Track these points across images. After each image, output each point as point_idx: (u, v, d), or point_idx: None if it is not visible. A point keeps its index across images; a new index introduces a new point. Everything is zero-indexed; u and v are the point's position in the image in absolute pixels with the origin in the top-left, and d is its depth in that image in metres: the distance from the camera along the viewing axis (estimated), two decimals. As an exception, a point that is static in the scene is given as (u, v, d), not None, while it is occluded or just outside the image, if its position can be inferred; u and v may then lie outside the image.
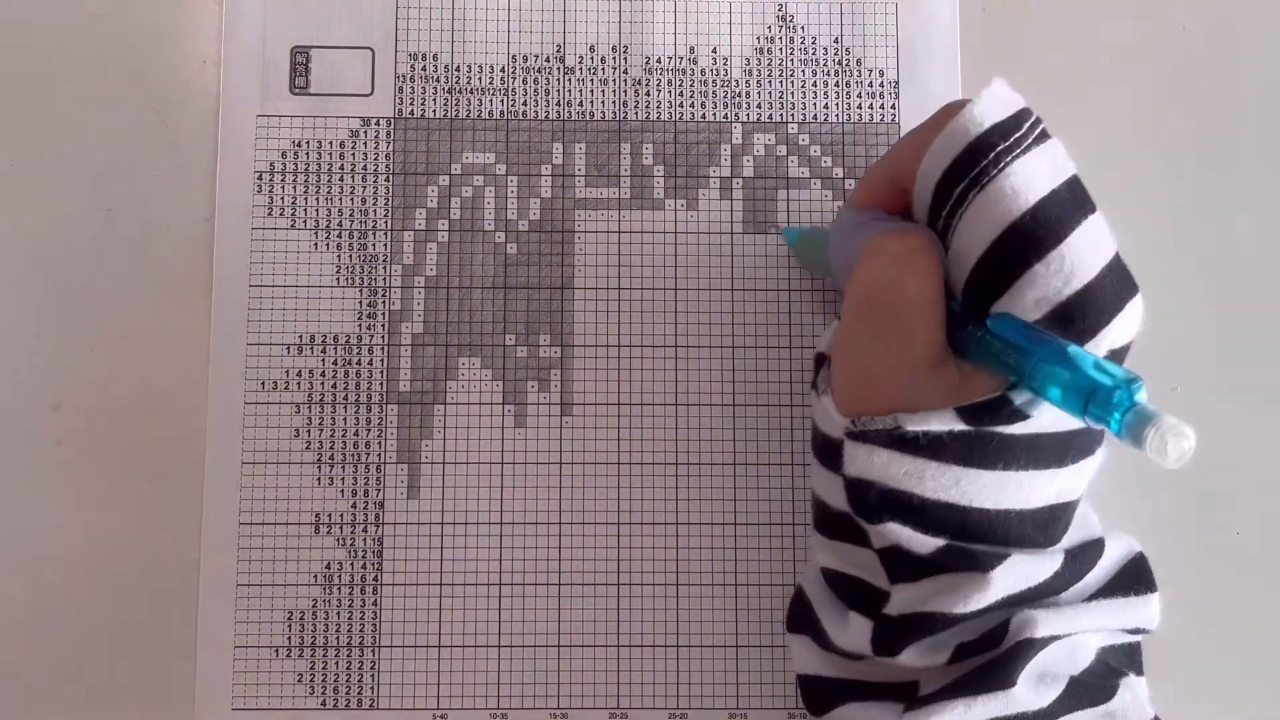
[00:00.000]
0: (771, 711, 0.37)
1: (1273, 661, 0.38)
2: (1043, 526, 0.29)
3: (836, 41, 0.40)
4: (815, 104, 0.40)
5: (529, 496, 0.38)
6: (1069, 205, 0.28)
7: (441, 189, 0.39)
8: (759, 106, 0.40)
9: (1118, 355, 0.28)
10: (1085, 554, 0.30)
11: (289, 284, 0.39)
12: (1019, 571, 0.28)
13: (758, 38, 0.40)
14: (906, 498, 0.28)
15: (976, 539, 0.29)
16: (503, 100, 0.40)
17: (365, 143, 0.40)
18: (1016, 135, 0.28)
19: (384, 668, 0.37)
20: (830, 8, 0.40)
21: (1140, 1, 0.41)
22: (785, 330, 0.39)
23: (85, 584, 0.38)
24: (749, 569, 0.38)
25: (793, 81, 0.40)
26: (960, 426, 0.27)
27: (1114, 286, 0.28)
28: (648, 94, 0.40)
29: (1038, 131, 0.28)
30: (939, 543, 0.29)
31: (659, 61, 0.40)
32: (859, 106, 0.40)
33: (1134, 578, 0.31)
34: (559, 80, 0.40)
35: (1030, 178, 0.27)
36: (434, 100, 0.40)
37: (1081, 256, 0.27)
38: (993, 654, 0.28)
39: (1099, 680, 0.29)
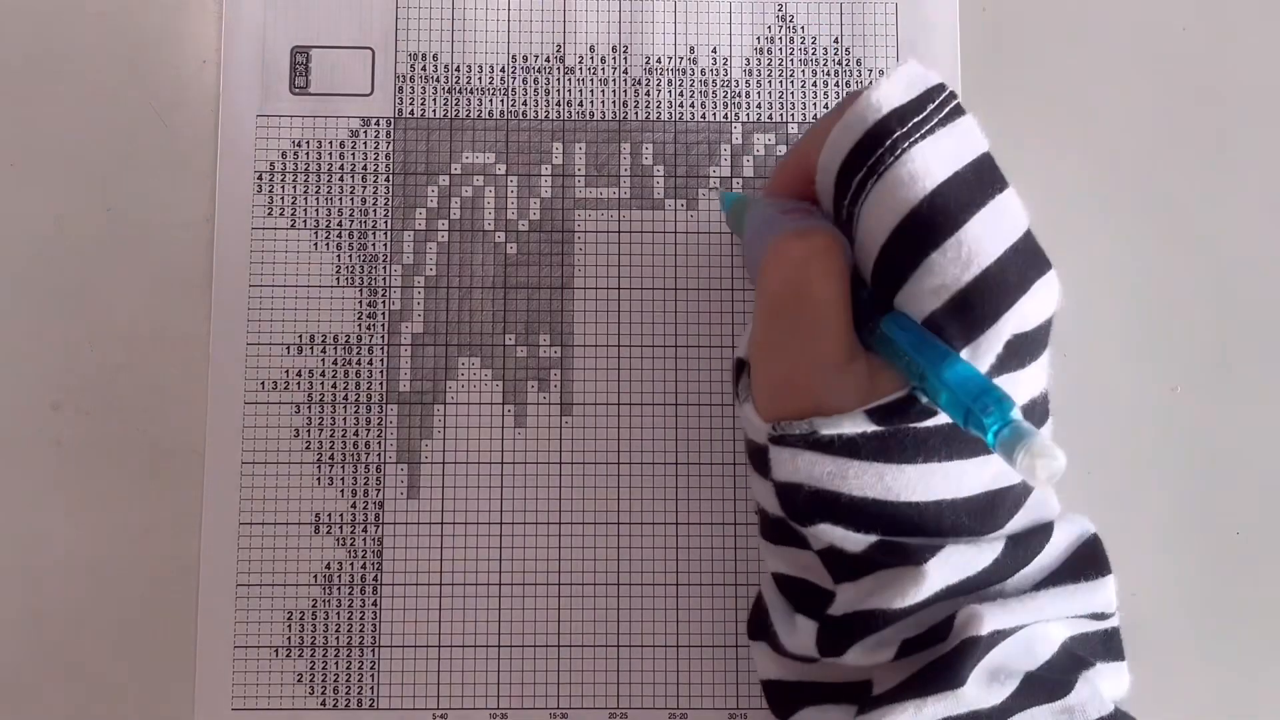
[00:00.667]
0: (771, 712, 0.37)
1: (1273, 662, 0.38)
2: (979, 515, 0.29)
3: (836, 41, 0.40)
4: (815, 104, 0.40)
5: (529, 496, 0.38)
6: (971, 187, 0.27)
7: (441, 189, 0.40)
8: (759, 106, 0.40)
9: (1029, 337, 0.28)
10: (1030, 539, 0.29)
11: (289, 284, 0.39)
12: (955, 561, 0.28)
13: (758, 38, 0.40)
14: (833, 497, 0.28)
15: (909, 532, 0.28)
16: (503, 100, 0.40)
17: (365, 143, 0.40)
18: (917, 119, 0.27)
19: (384, 668, 0.37)
20: (830, 8, 0.40)
21: (1140, 1, 0.41)
22: (785, 330, 0.39)
23: (85, 584, 0.38)
24: (749, 569, 0.38)
25: (793, 81, 0.40)
26: (872, 428, 0.27)
27: (1017, 268, 0.27)
28: (648, 94, 0.40)
29: (946, 111, 0.28)
30: (870, 539, 0.28)
31: (659, 61, 0.40)
32: (859, 106, 0.40)
33: (1085, 562, 0.30)
34: (559, 80, 0.40)
35: (929, 163, 0.27)
36: (434, 100, 0.40)
37: (979, 240, 0.27)
38: (940, 650, 0.28)
39: (1058, 675, 0.29)
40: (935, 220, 0.27)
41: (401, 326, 0.39)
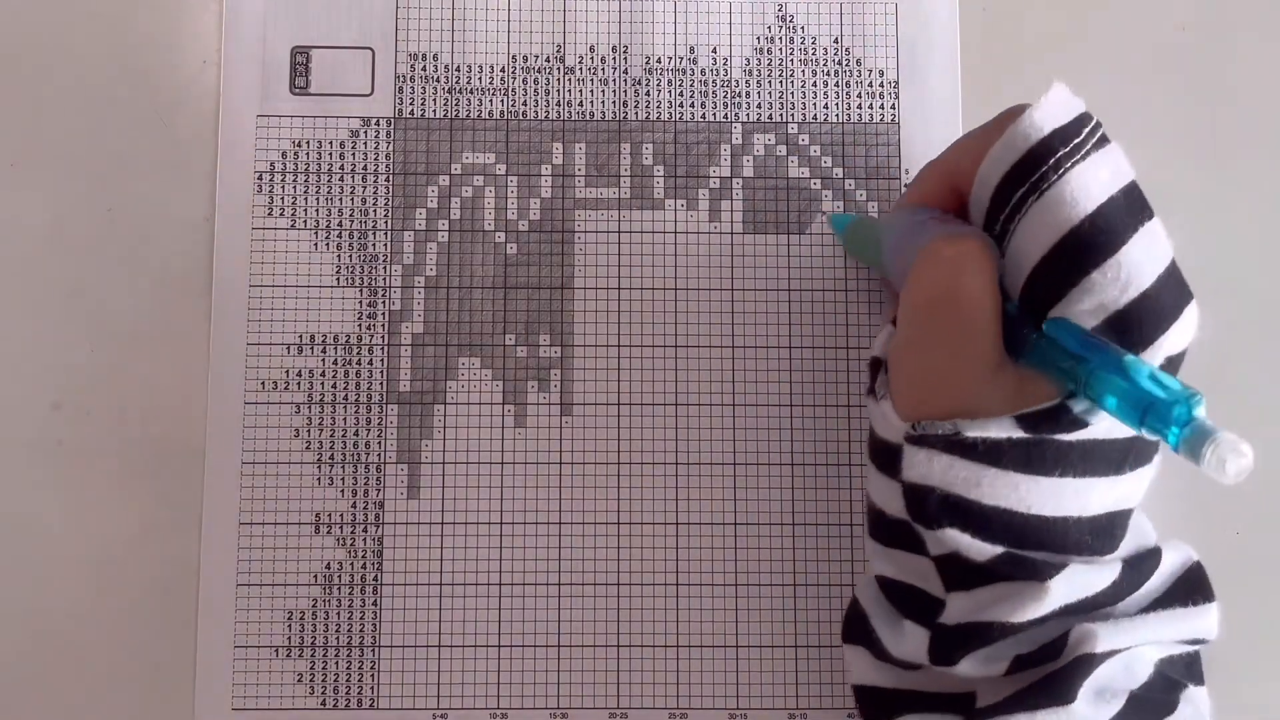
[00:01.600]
0: (773, 712, 0.37)
1: (1274, 662, 0.38)
2: (1102, 534, 0.29)
3: (836, 41, 0.40)
4: (815, 104, 0.40)
5: (529, 496, 0.38)
6: (1126, 212, 0.28)
7: (441, 189, 0.40)
8: (759, 106, 0.40)
9: (1174, 362, 0.28)
10: (1143, 563, 0.30)
11: (289, 284, 0.39)
12: (1077, 581, 0.28)
13: (758, 38, 0.40)
14: (965, 503, 0.28)
15: (1035, 546, 0.28)
16: (503, 100, 0.40)
17: (365, 143, 0.40)
18: (1076, 141, 0.28)
19: (384, 668, 0.37)
20: (830, 8, 0.40)
21: (1140, 1, 0.41)
22: (785, 330, 0.39)
23: (85, 584, 0.38)
24: (749, 569, 0.38)
25: (793, 81, 0.40)
26: (1019, 434, 0.27)
27: (1171, 294, 0.28)
28: (648, 94, 0.40)
29: (1097, 136, 0.28)
30: (997, 550, 0.28)
31: (659, 61, 0.40)
32: (859, 106, 0.40)
33: (1192, 587, 0.30)
34: (559, 80, 0.40)
35: (1089, 184, 0.28)
36: (434, 100, 0.40)
37: (1138, 264, 0.27)
38: (1051, 667, 0.28)
39: (1159, 695, 0.29)
40: (1096, 240, 0.27)
41: (401, 326, 0.39)
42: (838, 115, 0.40)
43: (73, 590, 0.38)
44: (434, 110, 0.40)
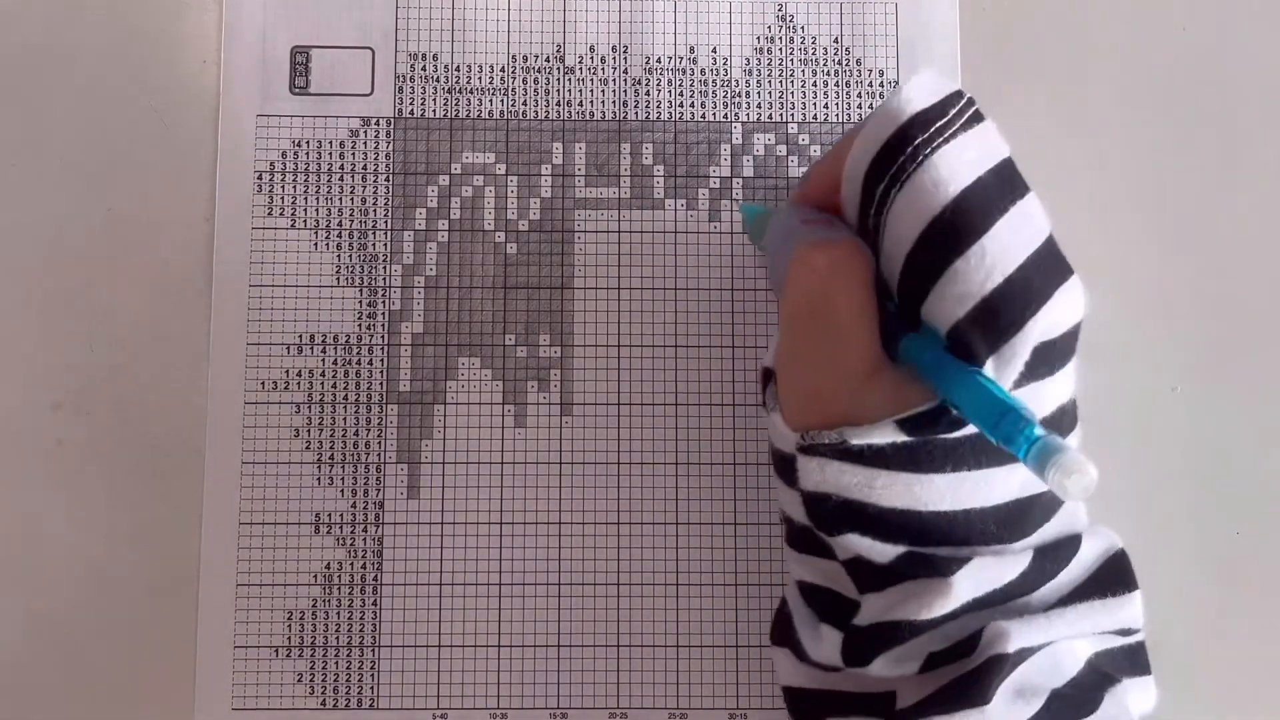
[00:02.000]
0: (771, 712, 0.37)
1: (1273, 662, 0.38)
2: (1008, 523, 0.29)
3: (836, 41, 0.40)
4: (815, 104, 0.40)
5: (529, 496, 0.38)
6: (994, 192, 0.27)
7: (441, 189, 0.40)
8: (759, 106, 0.40)
9: (1056, 344, 0.27)
10: (1058, 552, 0.29)
11: (289, 284, 0.39)
12: (982, 574, 0.28)
13: (758, 38, 0.40)
14: (861, 508, 0.28)
15: (937, 542, 0.28)
16: (503, 100, 0.40)
17: (365, 143, 0.40)
18: (939, 124, 0.27)
19: (384, 668, 0.37)
20: (830, 8, 0.40)
21: (1139, 1, 0.41)
22: (785, 330, 0.39)
23: (85, 584, 0.38)
24: (749, 569, 0.38)
25: (793, 81, 0.40)
26: (902, 438, 0.27)
27: (1041, 275, 0.27)
28: (648, 94, 0.40)
29: (966, 116, 0.28)
30: (898, 550, 0.28)
31: (659, 61, 0.40)
32: (859, 106, 0.40)
33: (1113, 577, 0.30)
34: (559, 80, 0.40)
35: (952, 169, 0.27)
36: (434, 100, 0.40)
37: (1004, 247, 0.26)
38: (966, 665, 0.28)
39: (1084, 692, 0.29)
40: (958, 227, 0.26)
41: (401, 326, 0.39)
42: (838, 115, 0.40)
43: (73, 590, 0.38)
44: (434, 110, 0.40)
